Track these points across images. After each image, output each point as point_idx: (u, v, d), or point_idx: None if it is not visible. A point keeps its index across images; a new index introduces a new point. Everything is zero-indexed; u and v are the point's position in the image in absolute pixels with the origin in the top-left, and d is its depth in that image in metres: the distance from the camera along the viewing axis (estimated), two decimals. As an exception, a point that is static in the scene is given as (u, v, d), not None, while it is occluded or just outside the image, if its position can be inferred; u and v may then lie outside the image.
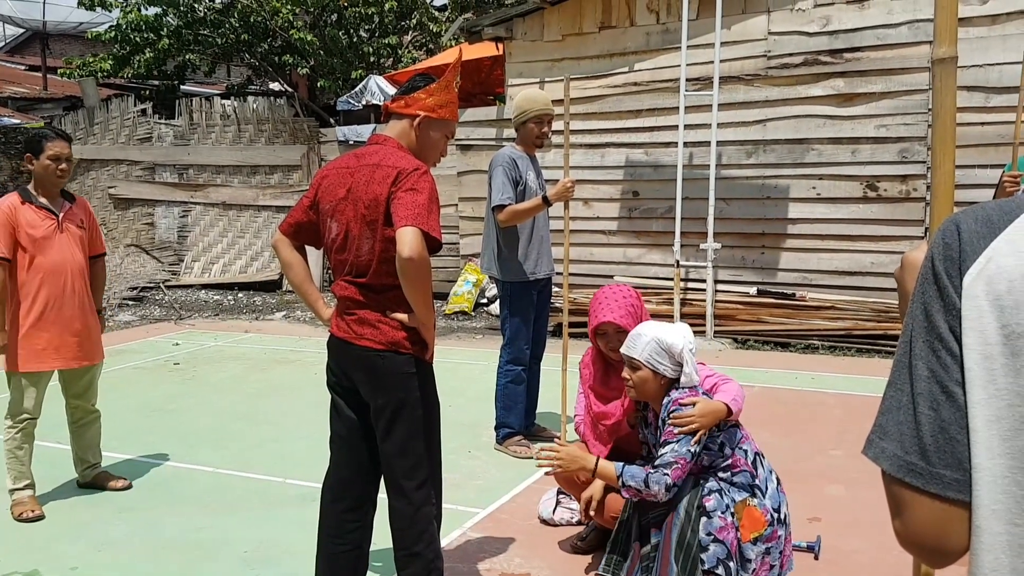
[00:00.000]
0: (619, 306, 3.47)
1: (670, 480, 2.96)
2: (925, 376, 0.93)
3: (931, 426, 0.92)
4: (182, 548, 3.82)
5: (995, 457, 0.88)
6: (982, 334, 0.89)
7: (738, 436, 3.14)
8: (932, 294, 0.94)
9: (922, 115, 7.83)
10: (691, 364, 3.12)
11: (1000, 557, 0.88)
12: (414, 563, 2.86)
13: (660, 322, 3.26)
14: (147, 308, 11.30)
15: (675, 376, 3.13)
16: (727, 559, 2.95)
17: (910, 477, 0.92)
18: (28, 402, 4.23)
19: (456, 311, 10.23)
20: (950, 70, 1.39)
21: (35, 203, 4.22)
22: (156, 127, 12.69)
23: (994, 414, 0.88)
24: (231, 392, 6.80)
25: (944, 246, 0.95)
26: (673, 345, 3.09)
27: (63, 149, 4.23)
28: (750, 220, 8.60)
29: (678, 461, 2.97)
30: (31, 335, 4.18)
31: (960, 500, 0.90)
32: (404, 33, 15.53)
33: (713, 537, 2.95)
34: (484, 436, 5.29)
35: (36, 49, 21.83)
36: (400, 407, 2.80)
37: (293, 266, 3.06)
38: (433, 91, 2.92)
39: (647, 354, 3.11)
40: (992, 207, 0.95)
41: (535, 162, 5.09)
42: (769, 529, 3.03)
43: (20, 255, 4.17)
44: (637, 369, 3.14)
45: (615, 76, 9.15)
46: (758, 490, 3.08)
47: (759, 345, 8.21)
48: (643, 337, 3.14)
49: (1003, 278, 0.88)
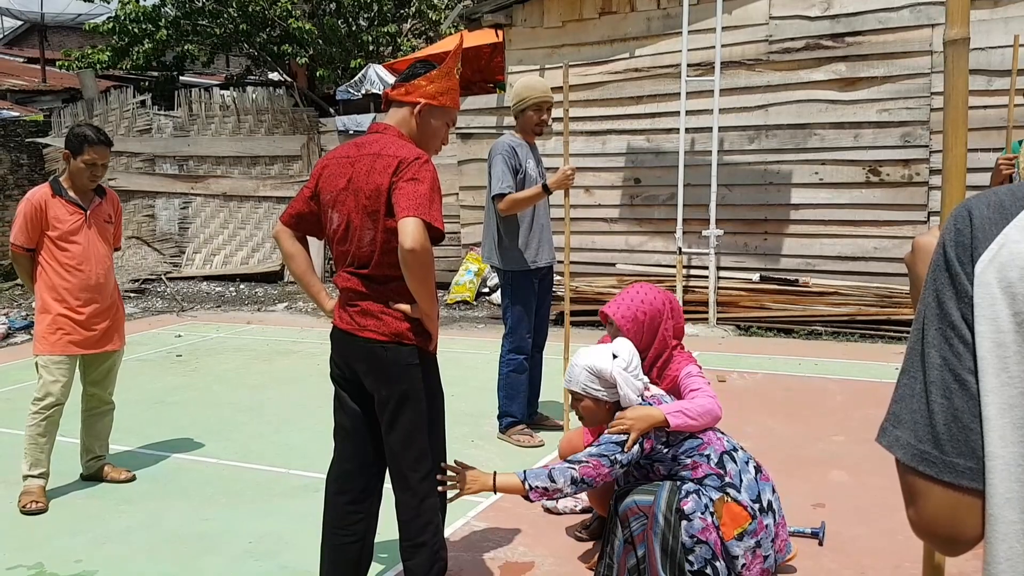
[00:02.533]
0: (627, 305, 3.41)
1: (576, 474, 2.95)
2: (938, 364, 0.92)
3: (944, 415, 0.91)
4: (186, 540, 3.82)
5: (1008, 445, 0.87)
6: (994, 322, 0.88)
7: (695, 445, 3.07)
8: (944, 281, 0.93)
9: (924, 99, 7.79)
10: (627, 385, 3.07)
11: (1015, 546, 0.87)
12: (419, 553, 2.85)
13: (594, 347, 3.23)
14: (149, 300, 11.31)
15: (615, 399, 3.12)
16: (713, 559, 2.92)
17: (923, 466, 0.92)
18: (55, 386, 4.29)
19: (458, 301, 10.22)
20: (962, 52, 1.36)
21: (65, 196, 4.33)
22: (155, 119, 12.66)
23: (1007, 402, 0.87)
24: (233, 384, 6.80)
25: (956, 232, 0.93)
26: (603, 371, 3.08)
27: (101, 157, 4.31)
28: (752, 206, 8.58)
29: (590, 461, 2.97)
30: (57, 322, 4.30)
31: (974, 488, 0.90)
32: (403, 21, 15.47)
33: (696, 539, 2.92)
34: (487, 425, 5.29)
35: (34, 41, 21.78)
36: (404, 398, 2.78)
37: (295, 257, 3.04)
38: (434, 78, 2.89)
39: (582, 384, 3.13)
40: (1005, 192, 0.94)
41: (535, 150, 5.07)
42: (753, 523, 2.99)
43: (47, 246, 4.30)
44: (580, 400, 3.17)
45: (616, 62, 9.10)
46: (731, 487, 3.03)
47: (762, 332, 8.20)
48: (576, 368, 3.16)
49: (1015, 265, 0.87)
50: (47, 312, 4.30)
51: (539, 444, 4.98)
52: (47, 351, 4.30)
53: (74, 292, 4.32)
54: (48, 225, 4.27)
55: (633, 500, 3.03)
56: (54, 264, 4.30)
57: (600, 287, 8.94)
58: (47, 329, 4.29)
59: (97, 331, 4.41)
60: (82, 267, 4.34)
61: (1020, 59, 6.16)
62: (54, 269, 4.30)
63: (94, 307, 4.38)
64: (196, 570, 3.53)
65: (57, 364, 4.31)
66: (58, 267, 4.30)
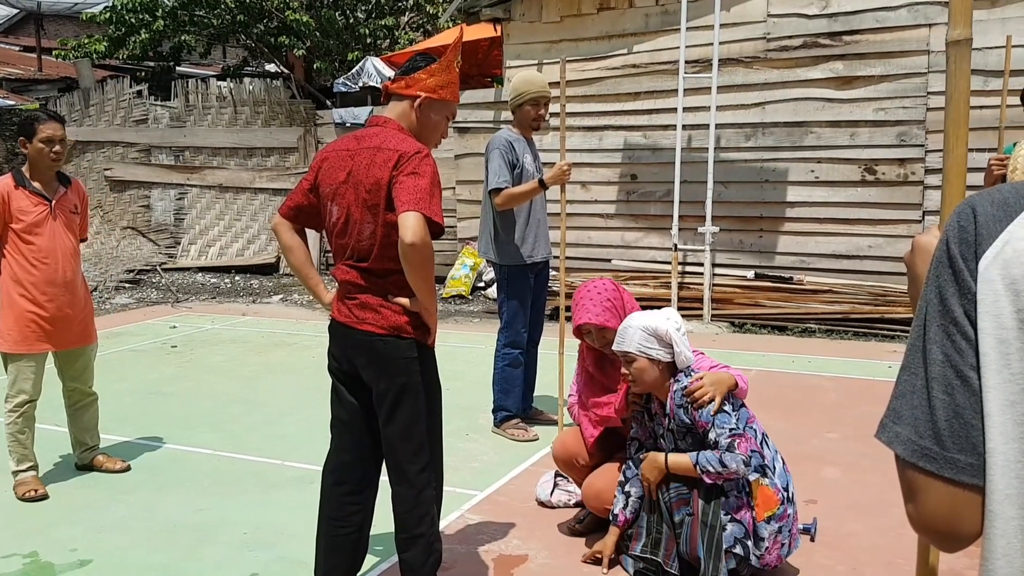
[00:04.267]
0: (595, 304, 3.50)
1: (741, 456, 2.98)
2: (939, 360, 0.92)
3: (945, 411, 0.91)
4: (181, 530, 3.83)
5: (1010, 442, 0.87)
6: (997, 318, 0.88)
7: (747, 416, 3.16)
8: (947, 278, 0.93)
9: (920, 98, 7.81)
10: (682, 344, 3.15)
11: (1013, 542, 0.88)
12: (415, 545, 2.87)
13: (644, 311, 3.31)
14: (144, 291, 11.28)
15: (670, 359, 3.16)
16: (744, 538, 3.01)
17: (924, 462, 0.92)
18: (26, 383, 4.24)
19: (453, 295, 10.23)
20: (964, 52, 1.37)
21: (28, 187, 4.21)
22: (152, 109, 12.63)
23: (1009, 398, 0.87)
24: (228, 375, 6.81)
25: (960, 229, 0.94)
26: (659, 328, 3.13)
27: (56, 131, 4.20)
28: (748, 203, 8.59)
29: (734, 438, 3.00)
30: (24, 318, 4.19)
31: (974, 485, 0.90)
32: (401, 14, 15.44)
33: (731, 517, 3.01)
34: (482, 419, 5.31)
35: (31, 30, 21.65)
36: (402, 392, 2.79)
37: (293, 249, 3.04)
38: (434, 71, 2.89)
39: (637, 343, 3.15)
40: (1008, 190, 0.94)
41: (532, 145, 5.07)
42: (781, 508, 3.09)
43: (11, 239, 4.18)
44: (632, 361, 3.18)
45: (614, 58, 9.11)
46: (768, 469, 3.12)
47: (756, 329, 8.22)
48: (630, 329, 3.18)
49: (1019, 262, 0.88)
50: (12, 308, 4.19)
51: (533, 438, 4.99)
52: (14, 349, 4.20)
53: (40, 286, 4.20)
54: (12, 217, 4.14)
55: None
56: (19, 257, 4.18)
57: (595, 282, 8.94)
58: (13, 326, 4.18)
59: (66, 326, 4.30)
60: (48, 260, 4.21)
61: (1013, 60, 6.17)
62: (19, 263, 4.18)
63: (61, 301, 4.26)
64: (193, 560, 3.54)
65: (27, 362, 4.23)
66: (23, 260, 4.18)
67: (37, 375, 4.29)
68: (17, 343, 4.20)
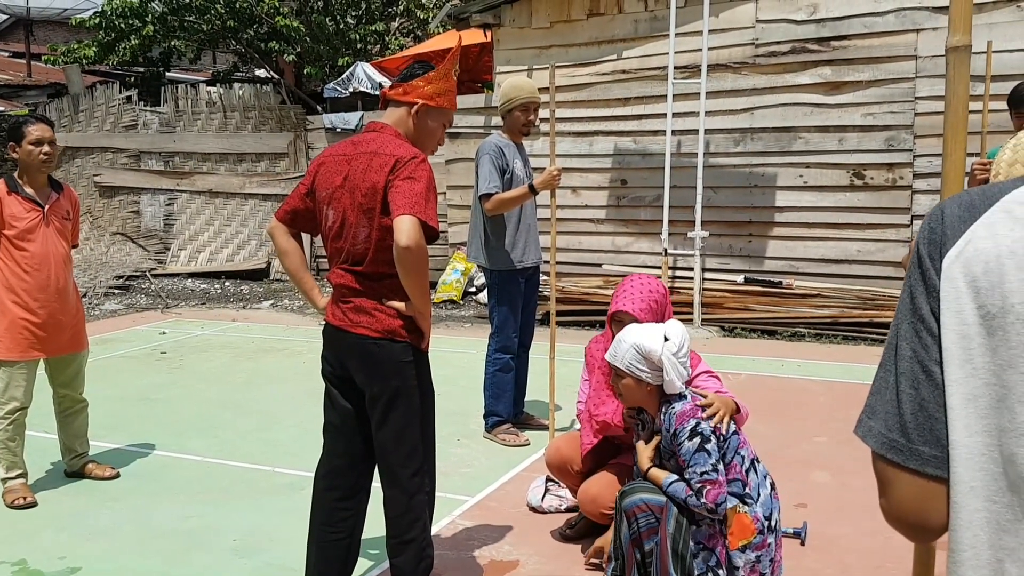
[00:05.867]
0: (640, 298, 3.37)
1: (708, 503, 2.86)
2: (908, 356, 0.95)
3: (911, 404, 0.94)
4: (171, 537, 3.82)
5: (973, 435, 0.90)
6: (959, 314, 0.91)
7: (736, 443, 3.04)
8: (916, 277, 0.97)
9: (908, 103, 7.86)
10: (673, 371, 2.95)
11: (979, 534, 0.90)
12: (407, 550, 2.87)
13: (646, 325, 3.12)
14: (133, 297, 11.25)
15: (659, 383, 3.00)
16: (716, 567, 2.92)
17: (892, 454, 0.95)
18: (17, 391, 4.23)
19: (444, 300, 10.22)
20: (964, 59, 1.38)
21: (21, 193, 4.21)
22: (141, 114, 12.60)
23: (971, 392, 0.90)
24: (218, 381, 6.79)
25: (929, 231, 0.97)
26: (652, 352, 2.93)
27: (44, 132, 4.20)
28: (737, 208, 8.63)
29: (704, 483, 2.87)
30: (17, 325, 4.18)
31: (939, 476, 0.93)
32: (391, 20, 15.45)
33: (702, 545, 2.91)
34: (473, 424, 5.31)
35: (20, 35, 21.60)
36: (396, 395, 2.80)
37: (289, 254, 3.05)
38: (432, 79, 2.92)
39: (628, 362, 2.97)
40: (976, 192, 0.97)
41: (522, 150, 5.09)
42: (759, 537, 2.96)
43: (4, 245, 4.18)
44: (622, 377, 3.04)
45: (603, 64, 9.13)
46: (748, 498, 3.00)
47: (746, 333, 8.25)
48: (623, 344, 3.00)
49: (979, 260, 0.90)
50: (5, 314, 4.17)
51: (524, 443, 5.00)
52: (6, 356, 4.18)
53: (32, 293, 4.19)
54: (4, 224, 4.14)
55: (641, 498, 3.03)
56: (12, 264, 4.17)
57: (586, 287, 8.97)
58: (5, 332, 4.17)
59: (58, 333, 4.29)
60: (40, 267, 4.21)
61: (1000, 66, 6.21)
62: (12, 269, 4.17)
63: (53, 308, 4.25)
64: (183, 567, 3.53)
65: (19, 369, 4.22)
66: (16, 267, 4.17)
67: (29, 382, 4.27)
68: (9, 350, 4.18)
